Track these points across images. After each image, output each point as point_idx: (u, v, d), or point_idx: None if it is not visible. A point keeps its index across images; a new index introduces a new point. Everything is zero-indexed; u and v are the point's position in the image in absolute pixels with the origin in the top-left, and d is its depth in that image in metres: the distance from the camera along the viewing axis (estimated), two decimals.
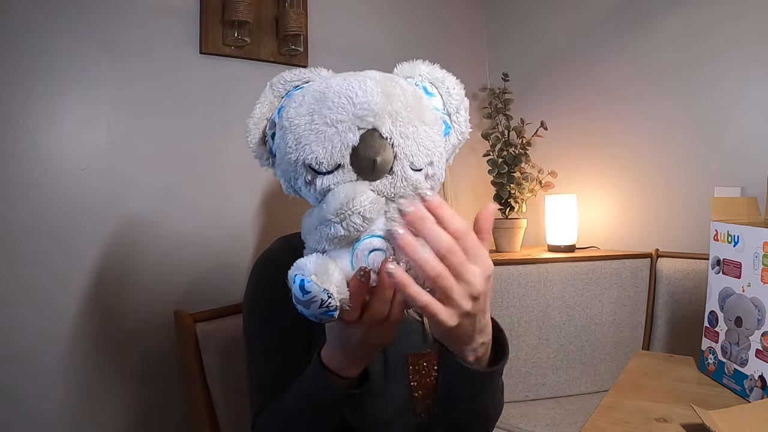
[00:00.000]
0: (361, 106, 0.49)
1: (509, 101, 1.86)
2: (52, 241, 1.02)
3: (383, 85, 0.52)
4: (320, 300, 0.48)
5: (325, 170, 0.50)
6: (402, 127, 0.51)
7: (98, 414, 1.07)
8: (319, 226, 0.50)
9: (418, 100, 0.54)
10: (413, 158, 0.51)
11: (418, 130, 0.52)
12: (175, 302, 1.14)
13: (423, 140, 0.52)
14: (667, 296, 1.55)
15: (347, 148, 0.49)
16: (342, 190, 0.49)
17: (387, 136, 0.50)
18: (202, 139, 1.22)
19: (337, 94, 0.50)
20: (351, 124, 0.49)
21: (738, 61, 1.55)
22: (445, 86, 0.59)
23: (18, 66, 0.99)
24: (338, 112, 0.50)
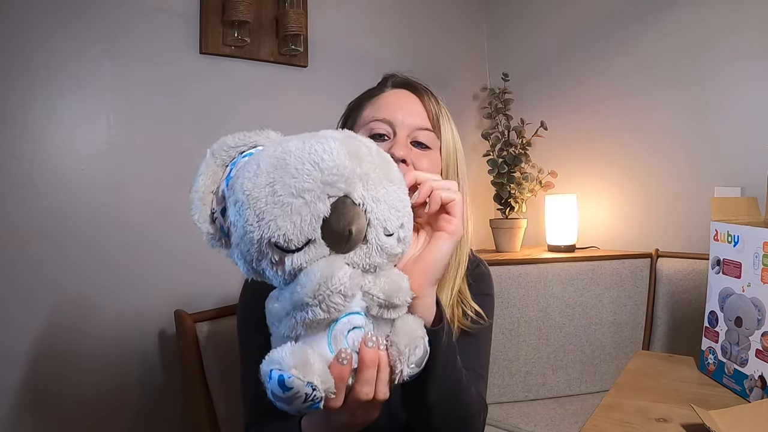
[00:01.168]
0: (329, 172, 0.44)
1: (509, 101, 1.86)
2: (50, 241, 1.02)
3: (347, 145, 0.47)
4: (304, 395, 0.43)
5: (294, 247, 0.44)
6: (373, 190, 0.46)
7: (98, 414, 1.07)
8: (292, 311, 0.45)
9: (384, 158, 0.51)
10: (386, 223, 0.47)
11: (388, 191, 0.48)
12: (175, 302, 1.14)
13: (393, 202, 0.48)
14: (667, 296, 1.55)
15: (318, 220, 0.44)
16: (317, 268, 0.44)
17: (359, 202, 0.45)
18: (202, 139, 1.22)
19: (299, 160, 0.45)
20: (320, 192, 0.44)
21: (738, 62, 1.55)
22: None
23: (18, 66, 0.99)
24: (304, 180, 0.44)
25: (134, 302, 1.12)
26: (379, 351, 0.48)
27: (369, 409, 0.52)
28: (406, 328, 0.49)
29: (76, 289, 1.05)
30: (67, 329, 1.04)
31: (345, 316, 0.47)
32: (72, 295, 1.05)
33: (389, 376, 0.49)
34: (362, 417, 0.54)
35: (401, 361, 0.48)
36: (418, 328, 0.50)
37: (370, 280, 0.48)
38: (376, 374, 0.48)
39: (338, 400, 0.47)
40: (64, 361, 1.03)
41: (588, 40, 1.87)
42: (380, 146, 0.71)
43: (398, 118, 0.79)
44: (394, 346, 0.48)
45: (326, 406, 0.46)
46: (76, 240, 1.05)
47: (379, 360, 0.48)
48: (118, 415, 1.10)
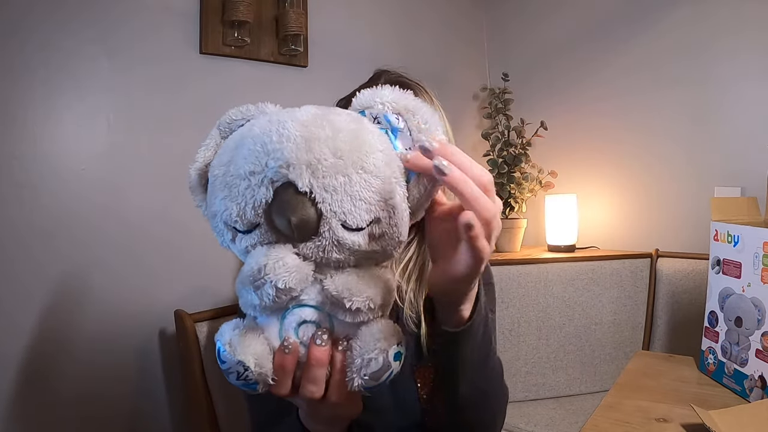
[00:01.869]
0: (273, 155, 0.41)
1: (509, 101, 1.86)
2: (51, 240, 1.02)
3: (309, 126, 0.42)
4: (236, 372, 0.42)
5: (242, 229, 0.43)
6: (327, 178, 0.41)
7: (98, 414, 1.07)
8: (241, 290, 0.44)
9: (356, 143, 0.42)
10: (347, 216, 0.41)
11: (352, 180, 0.41)
12: (175, 302, 1.14)
13: (361, 193, 0.41)
14: (667, 296, 1.55)
15: (260, 206, 0.41)
16: (255, 254, 0.42)
17: (305, 191, 0.40)
18: (201, 139, 1.22)
19: (253, 140, 0.42)
20: (263, 177, 0.41)
21: (738, 62, 1.55)
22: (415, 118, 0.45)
23: (18, 66, 0.99)
24: (252, 162, 0.41)
25: (134, 302, 1.12)
26: (335, 351, 0.44)
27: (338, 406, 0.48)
28: (366, 337, 0.44)
29: (76, 289, 1.05)
30: (67, 329, 1.04)
31: (296, 307, 0.44)
32: (72, 294, 1.05)
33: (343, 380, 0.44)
34: (341, 410, 0.50)
35: (352, 371, 0.43)
36: (381, 339, 0.43)
37: (331, 274, 0.44)
38: (324, 374, 0.45)
39: (281, 387, 0.45)
40: (64, 361, 1.03)
41: (588, 40, 1.87)
42: None
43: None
44: (350, 352, 0.44)
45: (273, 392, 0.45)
46: (76, 239, 1.05)
47: (334, 361, 0.45)
48: (118, 414, 1.10)
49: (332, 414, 0.51)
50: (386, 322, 0.45)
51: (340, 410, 0.51)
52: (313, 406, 0.49)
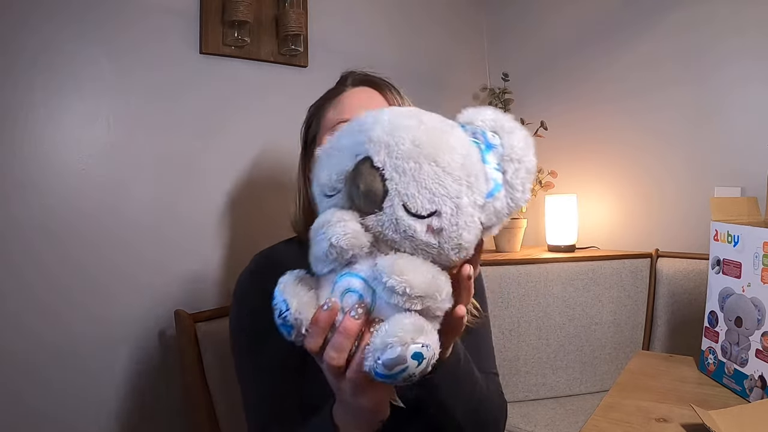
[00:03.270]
0: (363, 133, 0.47)
1: (509, 101, 1.86)
2: (51, 241, 1.02)
3: (401, 116, 0.47)
4: (279, 310, 0.47)
5: (328, 193, 0.48)
6: (399, 160, 0.44)
7: (98, 414, 1.07)
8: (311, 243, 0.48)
9: (437, 139, 0.46)
10: (408, 199, 0.44)
11: (423, 168, 0.44)
12: (175, 302, 1.14)
13: (428, 182, 0.44)
14: (667, 296, 1.55)
15: (342, 174, 0.47)
16: (324, 213, 0.47)
17: (379, 167, 0.45)
18: (201, 139, 1.22)
19: (356, 122, 0.49)
20: (351, 151, 0.47)
21: (738, 62, 1.55)
22: (509, 138, 0.49)
23: (18, 66, 0.99)
24: (346, 138, 0.48)
25: (134, 302, 1.12)
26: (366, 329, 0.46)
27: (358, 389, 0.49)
28: (394, 323, 0.43)
29: (75, 289, 1.05)
30: (68, 329, 1.04)
31: (347, 275, 0.47)
32: (71, 294, 1.04)
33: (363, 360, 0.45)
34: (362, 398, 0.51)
35: (369, 352, 0.44)
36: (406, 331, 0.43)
37: (386, 253, 0.46)
38: (349, 345, 0.46)
39: (311, 341, 0.47)
40: (64, 360, 1.03)
41: (588, 40, 1.87)
42: None
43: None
44: (375, 333, 0.44)
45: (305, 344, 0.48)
46: (77, 240, 1.05)
47: (362, 337, 0.46)
48: (117, 414, 1.10)
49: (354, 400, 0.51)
50: (420, 319, 0.44)
51: (362, 398, 0.51)
52: (334, 375, 0.49)
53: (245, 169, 1.28)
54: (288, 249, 0.85)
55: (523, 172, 0.49)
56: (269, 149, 1.32)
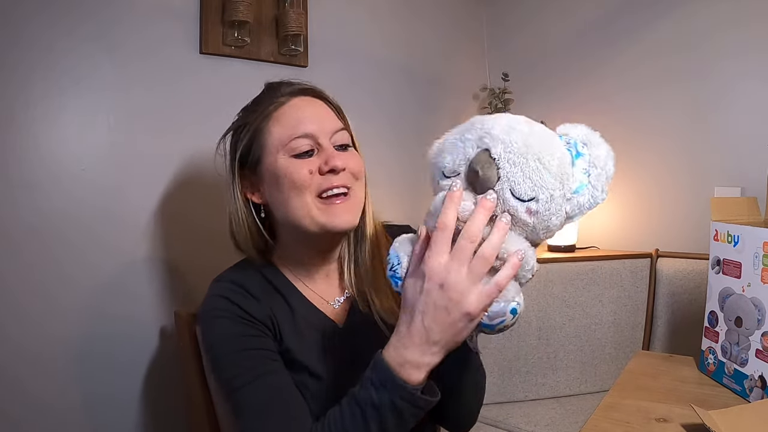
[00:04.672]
0: (484, 130, 0.58)
1: (509, 101, 1.86)
2: (51, 241, 1.02)
3: (515, 121, 0.59)
4: (391, 263, 0.61)
5: (447, 174, 0.61)
6: (512, 155, 0.56)
7: (97, 414, 1.07)
8: (428, 220, 0.60)
9: (543, 143, 0.58)
10: (515, 185, 0.56)
11: (529, 163, 0.56)
12: (175, 302, 1.14)
13: (531, 174, 0.56)
14: (667, 296, 1.55)
15: (466, 160, 0.59)
16: (445, 192, 0.59)
17: (495, 157, 0.56)
18: (202, 139, 1.22)
19: (479, 121, 0.60)
20: (473, 142, 0.59)
21: (739, 62, 1.55)
22: (596, 150, 0.62)
23: (17, 67, 0.99)
24: (470, 133, 0.59)
25: (134, 302, 1.12)
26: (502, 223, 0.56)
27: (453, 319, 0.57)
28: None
29: (75, 289, 1.05)
30: (68, 329, 1.04)
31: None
32: (71, 294, 1.05)
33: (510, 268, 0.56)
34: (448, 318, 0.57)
35: (529, 258, 0.57)
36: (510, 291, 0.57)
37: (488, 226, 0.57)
38: (485, 222, 0.56)
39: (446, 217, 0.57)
40: (64, 361, 1.03)
41: (588, 40, 1.87)
42: (308, 162, 0.76)
43: (315, 128, 0.78)
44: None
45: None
46: (77, 240, 1.05)
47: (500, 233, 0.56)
48: (117, 414, 1.10)
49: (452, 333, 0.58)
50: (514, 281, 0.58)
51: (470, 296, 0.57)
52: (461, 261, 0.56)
53: None
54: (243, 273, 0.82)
55: (604, 177, 0.61)
56: None
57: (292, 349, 0.78)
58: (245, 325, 0.75)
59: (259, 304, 0.78)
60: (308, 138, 0.77)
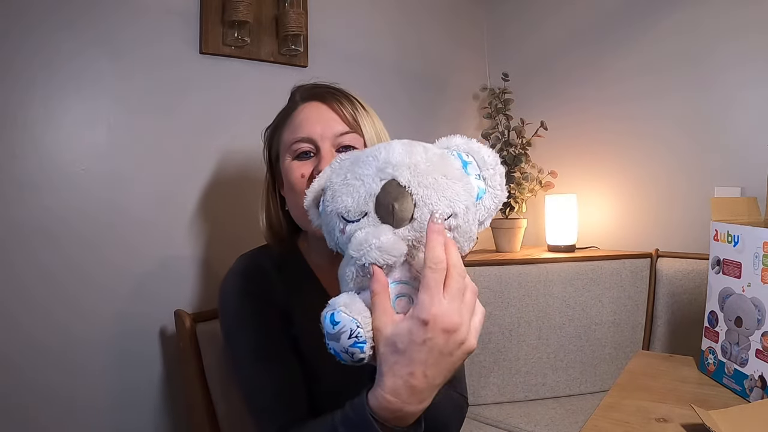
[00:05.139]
0: (382, 161, 0.56)
1: (509, 101, 1.86)
2: (51, 241, 1.02)
3: (406, 145, 0.58)
4: (349, 330, 0.52)
5: (353, 218, 0.56)
6: (421, 177, 0.55)
7: (97, 413, 1.07)
8: (345, 267, 0.56)
9: (441, 159, 0.58)
10: (433, 206, 0.54)
11: (438, 181, 0.55)
12: (175, 302, 1.14)
13: (444, 191, 0.55)
14: (667, 296, 1.55)
15: (371, 197, 0.55)
16: (364, 231, 0.55)
17: (405, 185, 0.54)
18: (202, 139, 1.22)
19: (365, 155, 0.58)
20: (374, 176, 0.56)
21: (738, 62, 1.55)
22: (480, 154, 0.61)
23: (18, 67, 0.99)
24: (365, 168, 0.57)
25: (134, 302, 1.12)
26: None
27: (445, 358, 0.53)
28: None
29: (75, 290, 1.05)
30: (67, 329, 1.04)
31: (393, 284, 0.55)
32: (71, 295, 1.05)
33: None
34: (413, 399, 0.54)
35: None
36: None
37: (418, 256, 0.55)
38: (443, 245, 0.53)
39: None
40: (64, 361, 1.03)
41: (588, 39, 1.87)
42: (305, 163, 0.79)
43: (317, 132, 0.81)
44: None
45: (372, 358, 0.54)
46: (77, 240, 1.05)
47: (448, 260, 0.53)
48: (117, 415, 1.10)
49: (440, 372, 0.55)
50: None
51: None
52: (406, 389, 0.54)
53: (246, 169, 1.28)
54: (267, 255, 0.88)
55: (498, 176, 0.61)
56: None
57: (299, 336, 0.82)
58: (260, 307, 0.80)
59: (275, 288, 0.83)
60: (307, 142, 0.81)
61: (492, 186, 0.61)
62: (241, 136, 1.27)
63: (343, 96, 0.85)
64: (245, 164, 1.28)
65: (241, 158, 1.28)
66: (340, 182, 0.59)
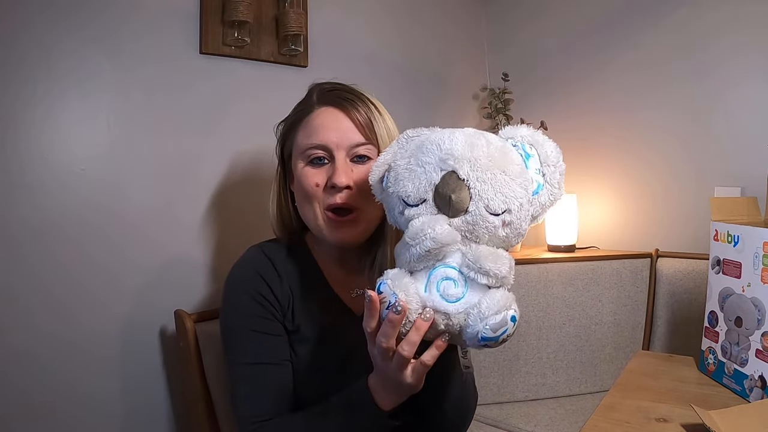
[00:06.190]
0: (445, 152, 0.58)
1: (509, 101, 1.86)
2: (51, 241, 1.02)
3: (470, 137, 0.60)
4: (388, 301, 0.56)
5: (412, 203, 0.60)
6: (480, 172, 0.57)
7: (97, 414, 1.07)
8: (402, 249, 0.59)
9: (503, 154, 0.60)
10: (489, 201, 0.57)
11: (497, 177, 0.58)
12: (175, 302, 1.14)
13: (501, 187, 0.57)
14: (667, 296, 1.55)
15: (431, 186, 0.58)
16: (421, 219, 0.58)
17: (464, 178, 0.57)
18: (201, 139, 1.22)
19: (430, 142, 0.60)
20: (436, 166, 0.58)
21: (739, 62, 1.55)
22: (543, 148, 0.64)
23: (17, 66, 0.99)
24: (428, 156, 0.59)
25: (134, 302, 1.12)
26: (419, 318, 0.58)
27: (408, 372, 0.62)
28: (492, 298, 0.57)
29: (75, 289, 1.05)
30: (67, 329, 1.04)
31: (441, 266, 0.58)
32: (71, 295, 1.04)
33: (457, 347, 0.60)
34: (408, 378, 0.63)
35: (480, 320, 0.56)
36: (503, 301, 0.57)
37: (470, 245, 0.58)
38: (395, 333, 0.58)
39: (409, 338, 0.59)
40: (64, 361, 1.03)
41: (588, 39, 1.87)
42: (320, 171, 0.80)
43: (333, 141, 0.80)
44: (477, 306, 0.56)
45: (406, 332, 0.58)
46: (76, 240, 1.05)
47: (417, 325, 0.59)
48: (117, 414, 1.10)
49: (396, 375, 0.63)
50: (507, 292, 0.59)
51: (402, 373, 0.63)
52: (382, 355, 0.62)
53: (246, 169, 1.28)
54: (276, 247, 0.89)
55: (558, 174, 0.64)
56: (269, 149, 1.32)
57: (302, 327, 0.83)
58: (261, 306, 0.81)
59: (281, 281, 0.84)
60: (321, 149, 0.81)
61: (551, 183, 0.63)
62: (241, 136, 1.27)
63: (360, 101, 0.84)
64: (245, 164, 1.28)
65: (242, 158, 1.28)
66: (404, 166, 0.61)
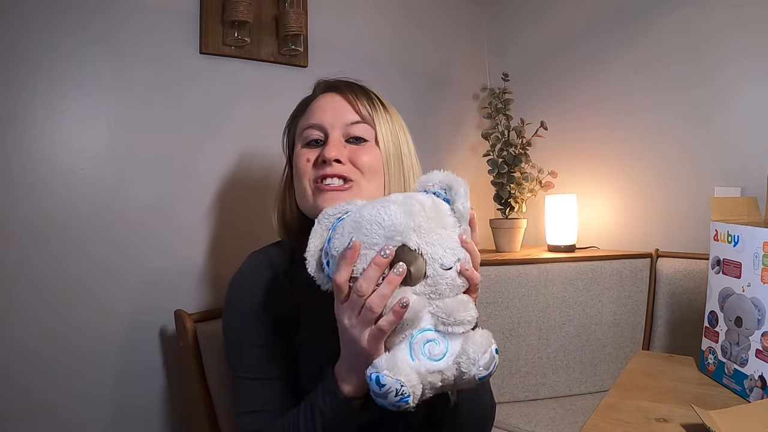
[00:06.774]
0: (388, 228, 0.60)
1: (509, 101, 1.86)
2: (51, 241, 1.02)
3: (404, 205, 0.61)
4: (395, 390, 0.56)
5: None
6: (426, 237, 0.60)
7: (97, 413, 1.07)
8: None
9: (436, 211, 0.62)
10: (442, 260, 0.60)
11: (441, 235, 0.60)
12: (175, 302, 1.14)
13: (446, 243, 0.61)
14: (667, 296, 1.55)
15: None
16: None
17: (415, 248, 0.59)
18: (201, 139, 1.22)
19: (368, 222, 0.61)
20: (384, 244, 0.59)
21: (739, 62, 1.55)
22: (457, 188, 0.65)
23: (17, 66, 0.99)
24: (372, 237, 0.60)
25: (134, 302, 1.12)
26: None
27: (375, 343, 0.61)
28: (476, 340, 0.60)
29: (75, 289, 1.05)
30: (67, 329, 1.04)
31: (419, 332, 0.60)
32: (71, 295, 1.05)
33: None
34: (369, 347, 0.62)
35: (472, 365, 0.58)
36: (485, 338, 0.60)
37: (436, 303, 0.60)
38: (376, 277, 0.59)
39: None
40: (64, 361, 1.03)
41: (588, 39, 1.87)
42: (312, 151, 0.82)
43: (327, 119, 0.82)
44: (465, 354, 0.59)
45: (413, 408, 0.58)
46: (76, 240, 1.05)
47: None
48: (117, 415, 1.10)
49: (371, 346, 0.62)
50: (482, 330, 0.62)
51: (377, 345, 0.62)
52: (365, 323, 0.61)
53: (246, 169, 1.28)
54: (279, 252, 0.87)
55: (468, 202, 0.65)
56: (269, 149, 1.32)
57: (309, 331, 0.81)
58: (261, 319, 0.80)
59: (284, 290, 0.82)
60: (317, 129, 0.82)
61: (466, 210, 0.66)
62: (241, 136, 1.27)
63: (360, 89, 0.86)
64: (246, 164, 1.28)
65: (242, 158, 1.28)
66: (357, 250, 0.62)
